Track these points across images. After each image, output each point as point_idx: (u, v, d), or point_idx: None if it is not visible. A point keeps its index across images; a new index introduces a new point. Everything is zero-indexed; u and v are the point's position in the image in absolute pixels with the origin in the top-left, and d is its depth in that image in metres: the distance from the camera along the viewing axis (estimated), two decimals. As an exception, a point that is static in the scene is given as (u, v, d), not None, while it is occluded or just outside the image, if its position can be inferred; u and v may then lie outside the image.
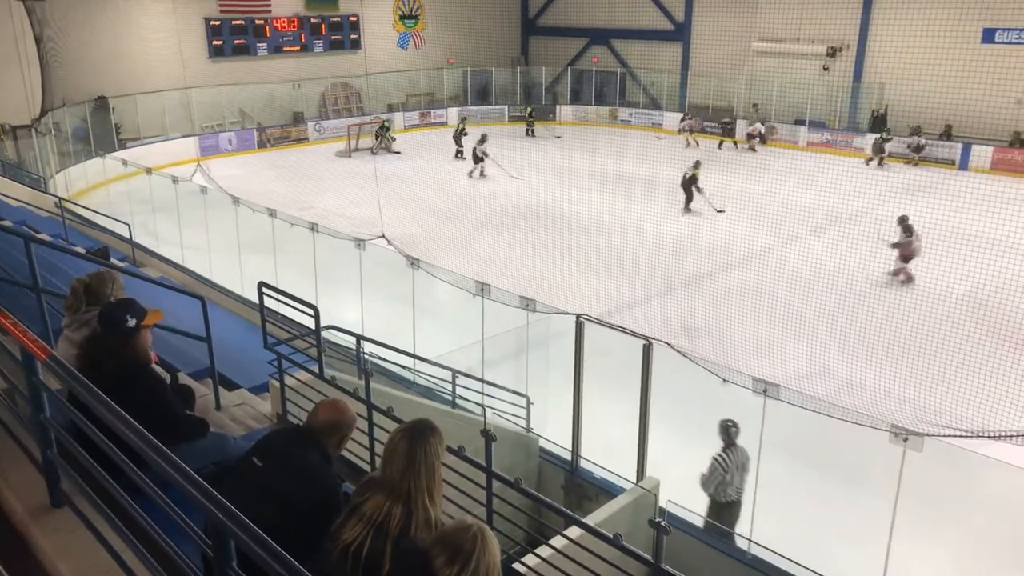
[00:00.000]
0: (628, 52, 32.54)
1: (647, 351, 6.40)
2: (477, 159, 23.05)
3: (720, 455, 7.05)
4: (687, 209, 19.08)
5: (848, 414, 6.30)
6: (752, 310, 12.15)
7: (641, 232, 16.23)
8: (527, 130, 29.99)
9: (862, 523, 6.99)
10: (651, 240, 15.70)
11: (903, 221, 14.37)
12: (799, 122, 26.88)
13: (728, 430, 7.09)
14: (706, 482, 7.08)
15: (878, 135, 24.28)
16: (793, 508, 7.47)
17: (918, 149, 23.50)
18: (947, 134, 24.02)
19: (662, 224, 16.30)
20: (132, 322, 3.87)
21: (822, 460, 8.30)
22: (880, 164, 23.70)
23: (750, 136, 26.78)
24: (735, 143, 27.37)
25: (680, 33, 30.82)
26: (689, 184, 19.20)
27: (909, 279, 13.88)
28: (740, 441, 7.07)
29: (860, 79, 26.23)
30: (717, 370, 6.86)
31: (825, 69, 26.86)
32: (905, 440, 5.58)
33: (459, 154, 25.40)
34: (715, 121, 28.49)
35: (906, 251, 14.04)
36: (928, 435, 5.65)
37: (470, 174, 23.05)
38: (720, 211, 18.56)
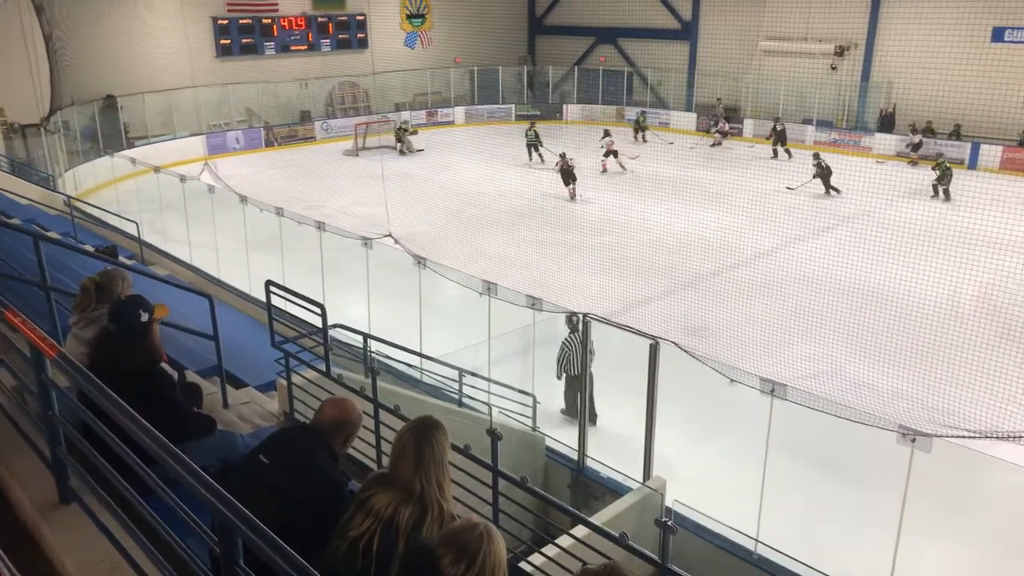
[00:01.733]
0: (635, 51, 32.49)
1: (654, 350, 6.39)
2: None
3: (566, 339, 8.92)
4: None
5: (856, 414, 6.29)
6: (759, 310, 12.12)
7: (647, 231, 16.21)
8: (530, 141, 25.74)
9: (870, 524, 6.97)
10: (658, 239, 15.68)
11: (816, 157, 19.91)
12: (806, 121, 26.79)
13: (571, 319, 8.83)
14: (558, 362, 8.99)
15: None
16: (800, 508, 7.45)
17: (916, 147, 23.32)
18: (956, 133, 23.90)
19: (669, 223, 16.28)
20: (144, 316, 3.89)
21: (829, 460, 8.27)
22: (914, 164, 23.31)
23: (720, 132, 26.99)
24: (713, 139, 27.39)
25: (687, 32, 30.76)
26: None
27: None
28: (746, 440, 7.07)
29: (868, 78, 26.14)
30: (724, 370, 6.86)
31: (833, 68, 26.76)
32: (913, 441, 5.56)
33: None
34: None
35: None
36: (936, 436, 5.63)
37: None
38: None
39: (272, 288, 5.95)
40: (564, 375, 9.23)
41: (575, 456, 7.20)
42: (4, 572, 1.30)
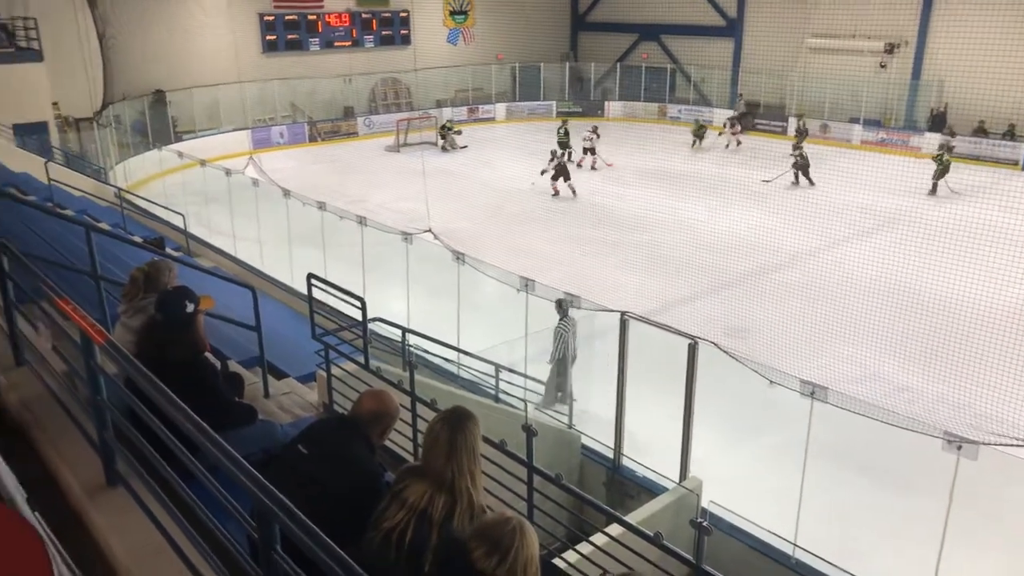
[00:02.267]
0: (678, 48, 32.18)
1: (692, 350, 6.33)
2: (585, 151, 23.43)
3: (559, 325, 9.09)
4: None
5: (899, 419, 6.16)
6: (801, 311, 11.93)
7: (688, 230, 16.06)
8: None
9: (912, 531, 6.83)
10: (698, 238, 15.52)
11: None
12: (853, 120, 26.27)
13: (561, 304, 9.03)
14: (555, 348, 9.06)
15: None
16: (840, 513, 7.33)
17: (949, 149, 22.53)
18: (1010, 133, 23.22)
19: (710, 222, 16.10)
20: (190, 307, 3.97)
21: (870, 466, 8.12)
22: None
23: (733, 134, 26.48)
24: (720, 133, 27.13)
25: (732, 29, 30.36)
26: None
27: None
28: (784, 443, 6.98)
29: (919, 76, 25.52)
30: (763, 371, 6.76)
31: (882, 66, 26.18)
32: (959, 448, 5.43)
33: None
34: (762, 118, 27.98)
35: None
36: (983, 443, 5.49)
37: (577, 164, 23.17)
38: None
39: (313, 281, 6.03)
40: (556, 363, 9.29)
41: (611, 454, 7.18)
42: (53, 551, 1.35)
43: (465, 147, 26.76)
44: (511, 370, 8.68)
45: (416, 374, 5.52)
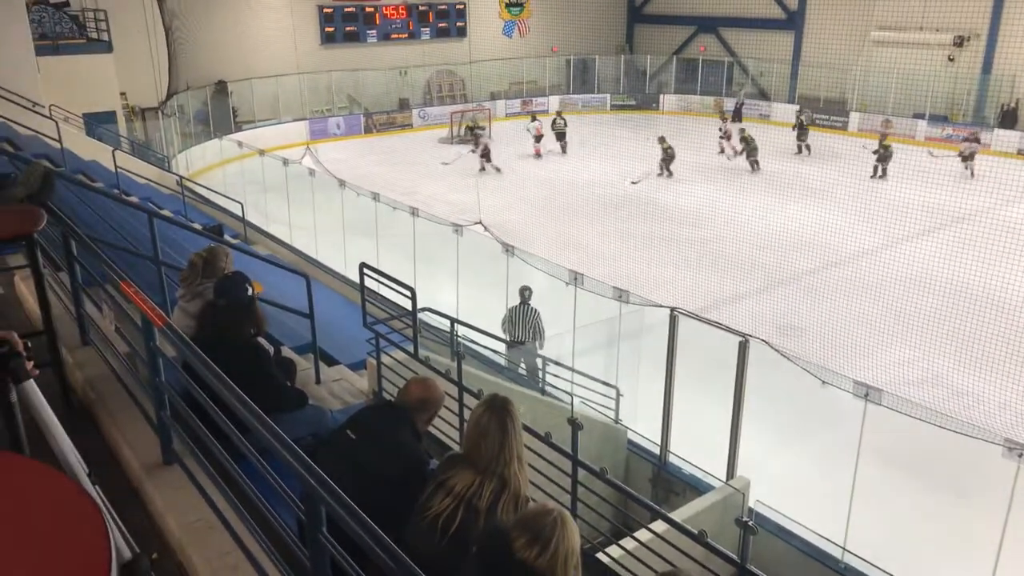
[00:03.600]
0: (737, 41, 31.59)
1: (743, 348, 6.25)
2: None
3: (511, 308, 9.79)
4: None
5: (957, 424, 5.98)
6: (857, 311, 11.65)
7: (743, 226, 15.80)
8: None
9: (967, 539, 6.64)
10: (753, 234, 15.26)
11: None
12: (918, 116, 25.43)
13: (522, 293, 9.76)
14: (502, 325, 9.72)
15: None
16: (892, 519, 7.16)
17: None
18: (1086, 131, 22.26)
19: (765, 218, 15.81)
20: (250, 291, 4.08)
21: (926, 471, 7.90)
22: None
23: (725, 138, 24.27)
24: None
25: (792, 22, 29.66)
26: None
27: None
28: (836, 444, 6.84)
29: (989, 71, 24.57)
30: (816, 371, 6.63)
31: (951, 60, 25.29)
32: (1020, 455, 5.26)
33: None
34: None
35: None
36: (1046, 452, 5.30)
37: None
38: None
39: (366, 270, 6.12)
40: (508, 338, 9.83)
41: (657, 451, 7.13)
42: (111, 523, 1.41)
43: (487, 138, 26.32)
44: (558, 363, 8.68)
45: (464, 364, 5.57)
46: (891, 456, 7.55)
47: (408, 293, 5.79)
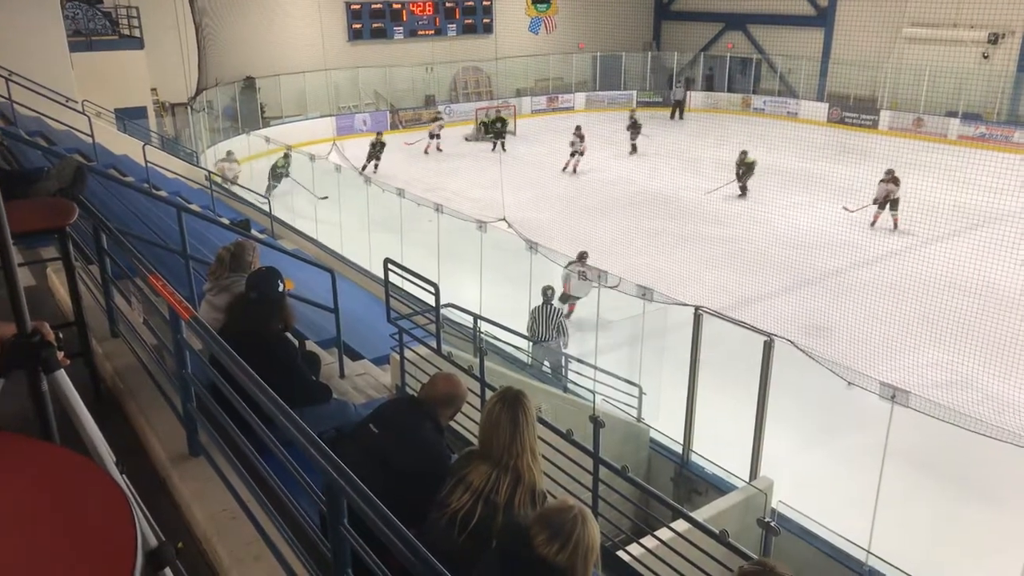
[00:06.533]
0: (765, 38, 31.25)
1: (768, 348, 6.20)
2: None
3: (535, 308, 9.85)
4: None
5: (987, 428, 5.89)
6: (885, 312, 11.50)
7: (769, 225, 15.66)
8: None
9: (996, 545, 6.53)
10: (779, 233, 15.12)
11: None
12: (951, 114, 25.00)
13: (545, 293, 9.87)
14: (528, 327, 9.68)
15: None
16: (918, 523, 7.06)
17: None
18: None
19: (792, 217, 15.65)
20: (281, 287, 4.13)
21: (954, 476, 7.78)
22: None
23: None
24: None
25: (823, 19, 29.29)
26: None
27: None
28: (861, 446, 6.76)
29: (1025, 68, 24.12)
30: (842, 372, 6.57)
31: (985, 57, 24.82)
32: (1051, 461, 5.16)
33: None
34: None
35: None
36: (1078, 457, 5.20)
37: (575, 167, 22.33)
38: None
39: (390, 266, 6.15)
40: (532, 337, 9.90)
41: (680, 449, 7.10)
42: (138, 512, 1.44)
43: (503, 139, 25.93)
44: (580, 360, 8.67)
45: (486, 361, 5.58)
46: (918, 459, 7.45)
47: (432, 289, 5.81)
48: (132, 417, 4.06)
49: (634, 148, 24.17)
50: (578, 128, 22.31)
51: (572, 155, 22.05)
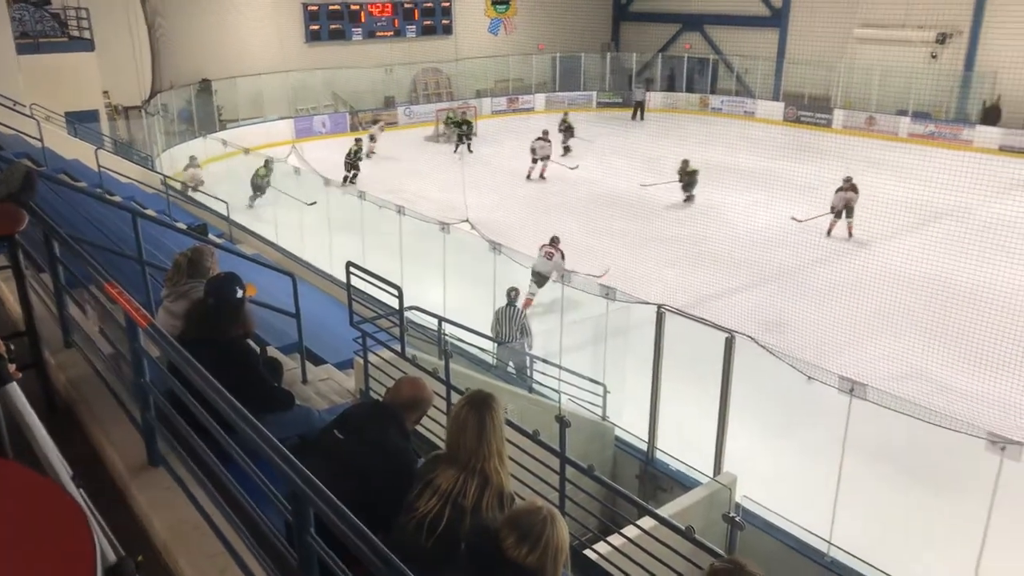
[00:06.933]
0: (722, 38, 31.71)
1: (729, 344, 6.28)
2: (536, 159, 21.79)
3: (499, 309, 9.86)
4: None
5: (941, 418, 6.03)
6: (841, 307, 11.73)
7: (728, 223, 15.87)
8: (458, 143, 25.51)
9: (952, 532, 6.70)
10: (738, 232, 15.34)
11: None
12: (901, 113, 25.64)
13: (509, 294, 9.87)
14: (492, 329, 9.72)
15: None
16: (877, 513, 7.22)
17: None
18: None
19: (750, 216, 15.89)
20: (240, 293, 4.06)
21: (910, 465, 7.97)
22: None
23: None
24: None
25: (777, 19, 29.81)
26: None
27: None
28: (821, 440, 6.89)
29: (972, 68, 24.80)
30: (801, 366, 6.68)
31: (933, 56, 25.49)
32: (1003, 449, 5.31)
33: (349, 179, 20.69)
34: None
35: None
36: (1029, 445, 5.36)
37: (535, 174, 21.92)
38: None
39: (352, 269, 6.10)
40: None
41: (644, 447, 7.16)
42: (96, 527, 1.40)
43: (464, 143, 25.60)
44: (545, 361, 8.69)
45: (452, 363, 5.56)
46: (876, 450, 7.62)
47: (395, 292, 5.78)
48: (88, 428, 3.97)
49: (566, 150, 23.79)
50: (545, 133, 21.94)
51: (535, 161, 21.60)
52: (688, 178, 18.95)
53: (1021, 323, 10.43)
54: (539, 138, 21.70)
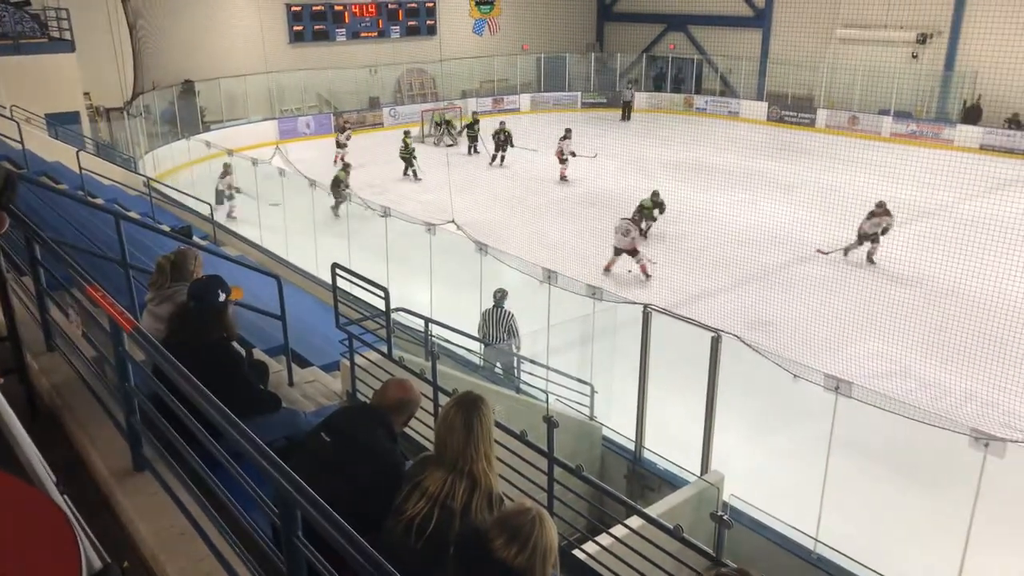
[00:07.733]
0: (706, 39, 31.87)
1: (715, 343, 6.30)
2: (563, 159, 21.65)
3: (485, 310, 9.87)
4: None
5: (925, 415, 6.08)
6: (827, 305, 11.81)
7: (713, 222, 15.93)
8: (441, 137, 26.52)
9: (936, 528, 6.75)
10: (723, 231, 15.40)
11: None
12: (883, 112, 25.86)
13: (495, 296, 9.88)
14: (479, 330, 9.75)
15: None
16: (863, 509, 7.27)
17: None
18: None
19: (735, 215, 15.96)
20: (223, 296, 4.03)
21: (895, 462, 8.04)
22: None
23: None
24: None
25: (761, 19, 30.00)
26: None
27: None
28: (807, 438, 6.93)
29: (952, 67, 25.05)
30: (787, 365, 6.71)
31: (914, 56, 25.73)
32: (986, 445, 5.36)
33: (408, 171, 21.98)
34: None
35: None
36: (1012, 441, 5.41)
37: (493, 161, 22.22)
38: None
39: (338, 271, 6.07)
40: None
41: (632, 447, 7.17)
42: (81, 534, 1.38)
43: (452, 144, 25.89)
44: (533, 361, 8.69)
45: (439, 364, 5.55)
46: (862, 448, 7.67)
47: (381, 293, 5.76)
48: (72, 434, 3.92)
49: (501, 159, 23.46)
50: (568, 132, 21.48)
51: (562, 161, 21.30)
52: (648, 212, 16.83)
53: (1004, 320, 10.54)
54: (563, 137, 21.43)
